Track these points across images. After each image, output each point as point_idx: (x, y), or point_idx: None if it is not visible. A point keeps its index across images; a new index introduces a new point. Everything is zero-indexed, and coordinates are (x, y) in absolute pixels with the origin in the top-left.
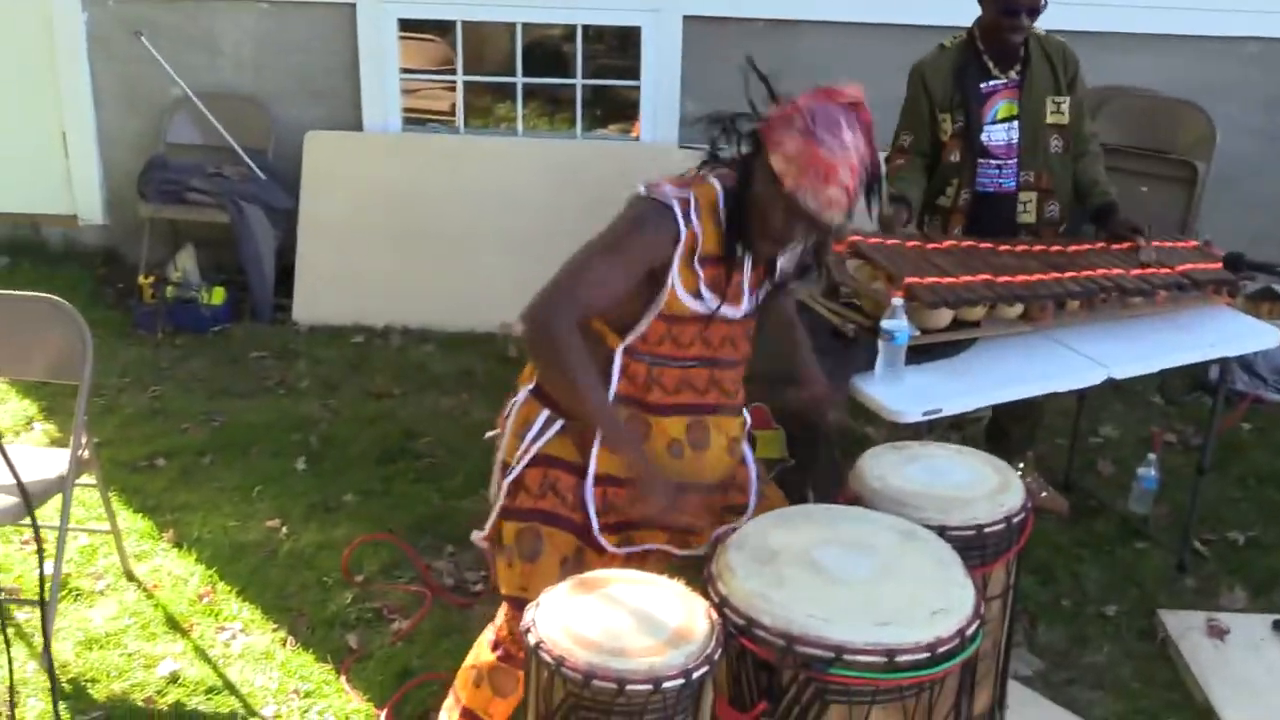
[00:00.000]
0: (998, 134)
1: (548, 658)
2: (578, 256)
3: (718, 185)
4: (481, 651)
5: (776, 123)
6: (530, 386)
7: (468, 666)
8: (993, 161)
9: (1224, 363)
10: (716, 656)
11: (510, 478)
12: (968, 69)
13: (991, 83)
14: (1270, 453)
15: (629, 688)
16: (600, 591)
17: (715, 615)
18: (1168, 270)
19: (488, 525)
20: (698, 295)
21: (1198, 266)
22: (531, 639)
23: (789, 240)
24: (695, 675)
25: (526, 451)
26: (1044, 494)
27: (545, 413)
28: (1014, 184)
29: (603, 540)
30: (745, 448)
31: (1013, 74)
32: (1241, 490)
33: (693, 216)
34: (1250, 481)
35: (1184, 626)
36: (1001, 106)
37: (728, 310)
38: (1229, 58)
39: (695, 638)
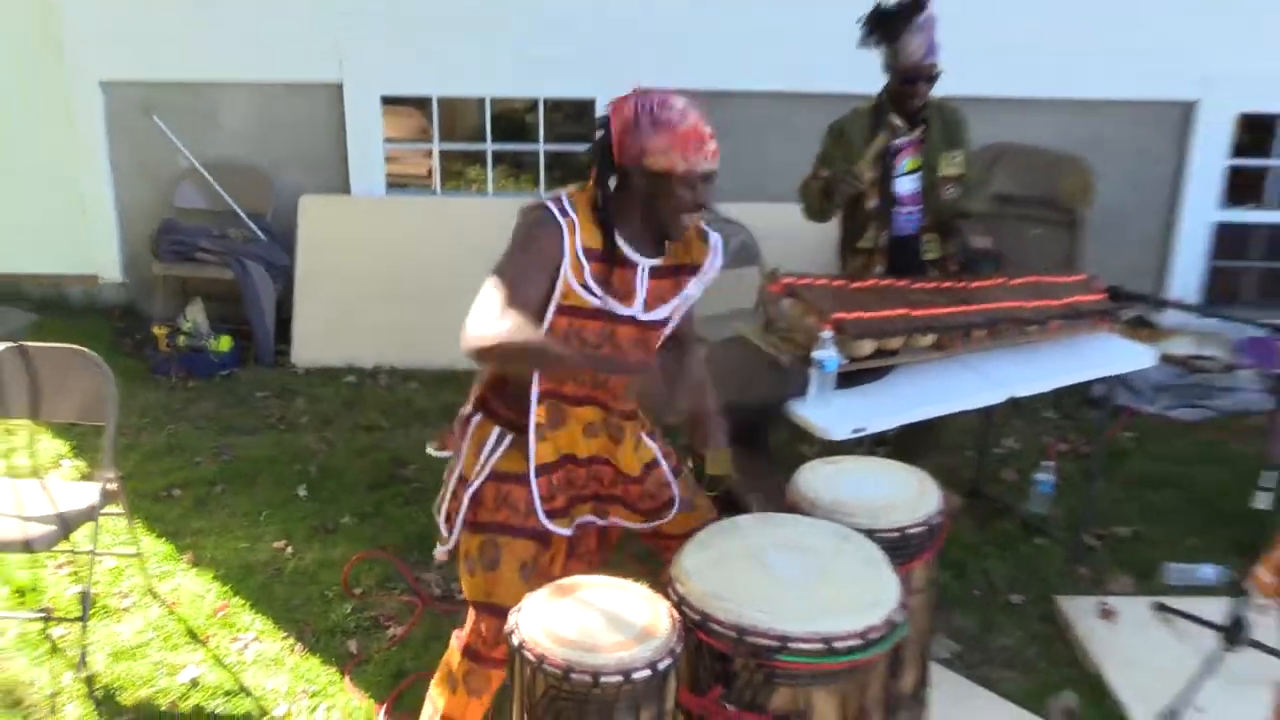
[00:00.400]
0: (906, 184)
1: (530, 656)
2: (494, 279)
3: (594, 190)
4: (452, 659)
5: (627, 139)
6: (481, 413)
7: (441, 677)
8: (903, 208)
9: (1108, 381)
10: (678, 649)
11: (470, 492)
12: (880, 127)
13: (899, 140)
14: (1148, 458)
15: (603, 679)
16: (574, 596)
17: (675, 613)
18: (1056, 302)
19: (451, 540)
20: (586, 287)
21: (1083, 298)
22: (515, 640)
23: (705, 202)
24: (661, 666)
25: (484, 467)
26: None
27: (497, 430)
28: (916, 227)
29: (552, 526)
30: (655, 451)
31: (916, 133)
32: (1124, 492)
33: (568, 209)
34: (1133, 483)
35: (1079, 610)
36: (908, 160)
37: (619, 307)
38: (1105, 117)
39: (659, 634)
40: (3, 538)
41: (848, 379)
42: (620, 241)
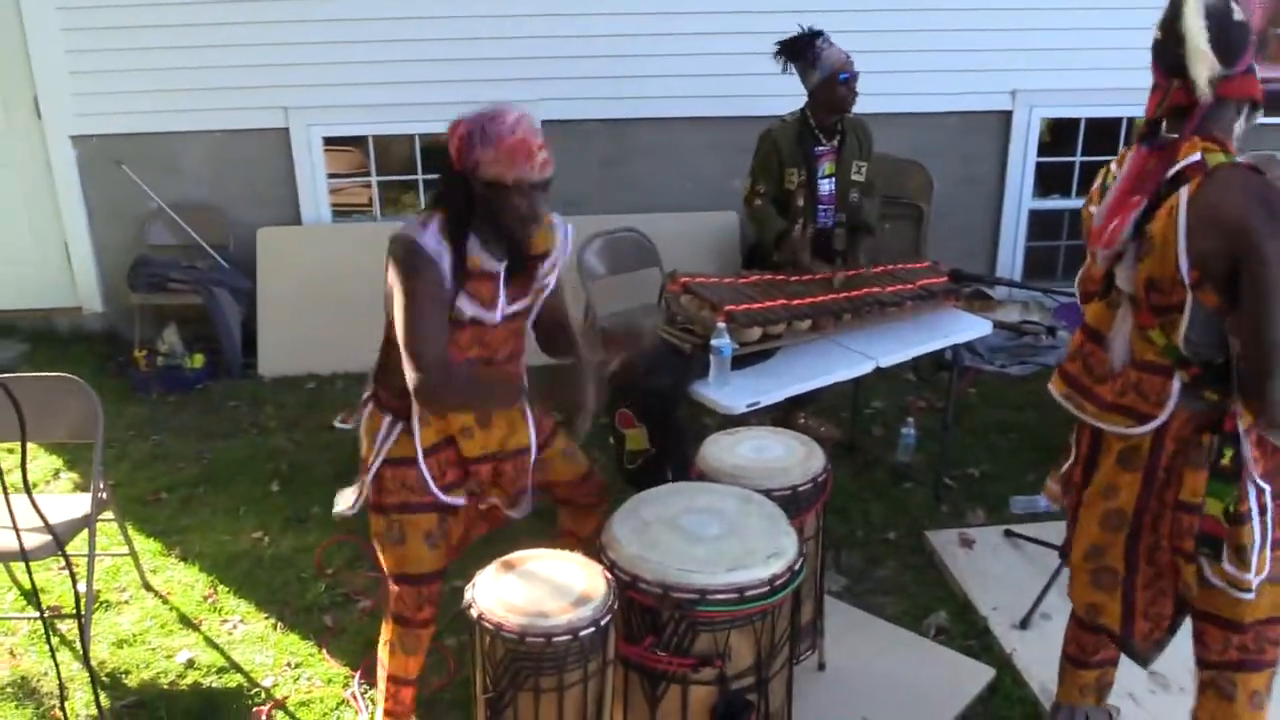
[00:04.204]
0: (824, 186)
1: (488, 625)
2: (406, 326)
3: (444, 210)
4: (386, 628)
5: (462, 155)
6: (372, 404)
7: (382, 644)
8: (822, 206)
9: (954, 348)
10: (615, 607)
11: (369, 477)
12: (805, 136)
13: (820, 148)
14: (991, 408)
15: (555, 639)
16: (519, 569)
17: (609, 576)
18: (909, 285)
19: (355, 506)
20: (462, 305)
21: (930, 281)
22: (474, 612)
23: (539, 210)
24: (602, 623)
25: (378, 455)
26: (823, 429)
27: (388, 419)
28: (832, 222)
29: (447, 498)
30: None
31: (833, 143)
32: (974, 438)
33: (439, 239)
34: (979, 431)
35: (943, 541)
36: (826, 165)
37: (487, 315)
38: (939, 127)
39: (597, 595)
40: (4, 549)
41: (740, 361)
42: (479, 253)
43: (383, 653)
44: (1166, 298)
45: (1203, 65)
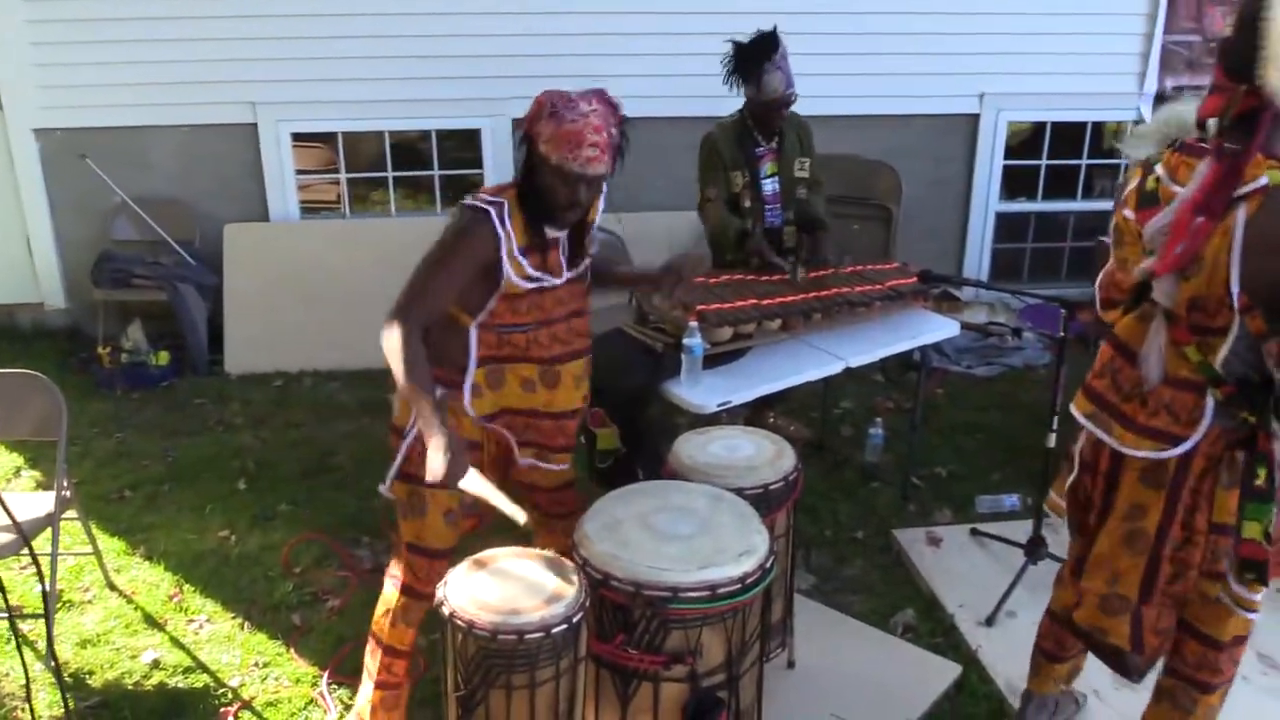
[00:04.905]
0: (768, 186)
1: (460, 622)
2: (419, 270)
3: (519, 183)
4: (389, 597)
5: (533, 120)
6: None
7: (381, 615)
8: (767, 206)
9: (922, 349)
10: (587, 604)
11: (405, 443)
12: (745, 138)
13: (760, 149)
14: (958, 409)
15: (527, 637)
16: (491, 567)
17: (581, 574)
18: (878, 286)
19: (389, 481)
20: (527, 278)
21: (899, 282)
22: (445, 610)
23: (579, 201)
24: (575, 620)
25: (414, 422)
26: (792, 428)
27: None
28: (780, 221)
29: (523, 458)
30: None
31: (773, 143)
32: (941, 438)
33: (506, 220)
34: (946, 431)
35: (910, 540)
36: (768, 165)
37: (551, 280)
38: (908, 129)
39: (569, 593)
40: None
41: (711, 360)
42: (545, 228)
43: (378, 627)
44: (1210, 319)
45: (1276, 70)
